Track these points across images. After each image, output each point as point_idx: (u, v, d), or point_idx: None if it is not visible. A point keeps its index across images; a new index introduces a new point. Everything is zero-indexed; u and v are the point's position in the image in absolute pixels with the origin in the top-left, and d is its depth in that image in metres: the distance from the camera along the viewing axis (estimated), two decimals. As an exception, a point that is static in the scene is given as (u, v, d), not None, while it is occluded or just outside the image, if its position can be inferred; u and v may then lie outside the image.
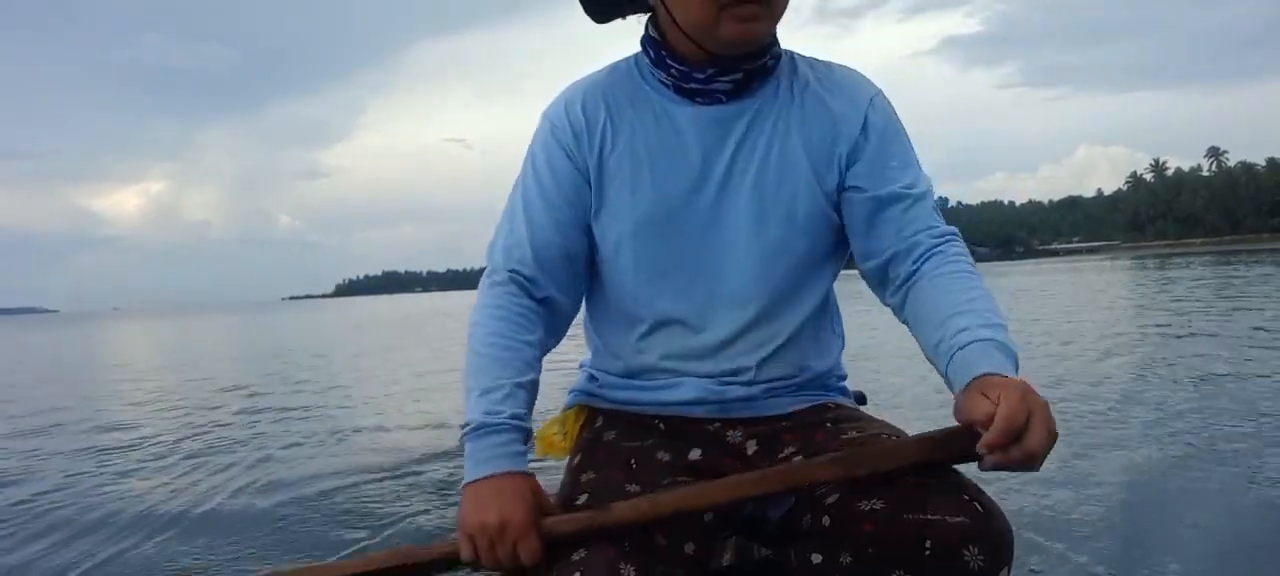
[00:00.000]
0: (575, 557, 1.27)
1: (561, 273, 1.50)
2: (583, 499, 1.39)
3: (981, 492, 1.24)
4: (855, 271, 1.60)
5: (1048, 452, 1.12)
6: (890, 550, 1.22)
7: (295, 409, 8.68)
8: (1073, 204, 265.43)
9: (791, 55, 1.54)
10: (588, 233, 1.52)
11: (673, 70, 1.46)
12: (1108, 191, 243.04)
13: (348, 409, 8.62)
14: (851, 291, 1.79)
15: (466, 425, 1.35)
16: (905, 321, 1.44)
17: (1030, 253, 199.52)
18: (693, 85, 1.46)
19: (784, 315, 1.50)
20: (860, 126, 1.47)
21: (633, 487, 1.40)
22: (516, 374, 1.39)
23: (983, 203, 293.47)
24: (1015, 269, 60.66)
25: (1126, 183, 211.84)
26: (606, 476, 1.44)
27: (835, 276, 1.59)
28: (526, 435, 1.37)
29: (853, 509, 1.27)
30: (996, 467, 1.14)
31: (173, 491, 5.15)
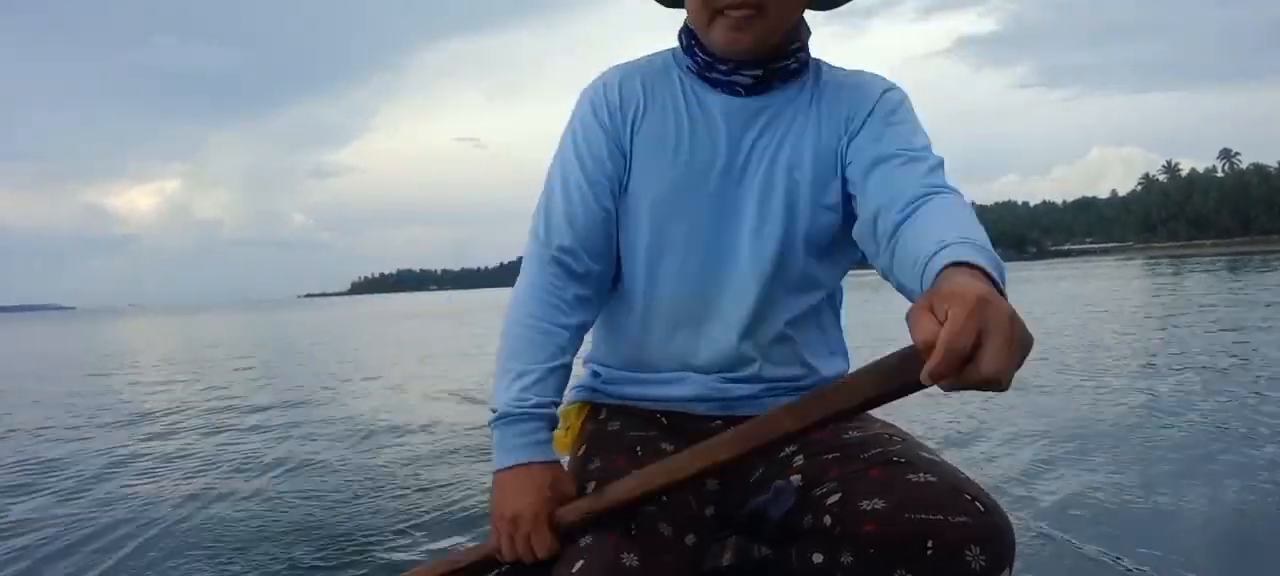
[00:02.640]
0: (582, 542, 1.29)
1: (601, 243, 1.50)
2: (591, 486, 1.41)
3: (984, 492, 1.24)
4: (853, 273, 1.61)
5: (1015, 369, 0.92)
6: (892, 550, 1.22)
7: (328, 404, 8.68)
8: (1086, 205, 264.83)
9: (819, 62, 1.56)
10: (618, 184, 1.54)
11: (699, 58, 1.50)
12: (1122, 192, 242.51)
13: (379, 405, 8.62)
14: (853, 282, 1.74)
15: (494, 411, 1.41)
16: (895, 280, 1.26)
17: (1042, 253, 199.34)
18: (716, 75, 1.50)
19: (785, 311, 1.50)
20: (865, 116, 1.46)
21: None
22: (549, 358, 1.44)
23: (996, 203, 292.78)
24: (1028, 268, 60.29)
25: (1139, 184, 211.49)
26: (612, 464, 1.44)
27: (839, 281, 1.60)
28: (553, 421, 1.43)
29: (854, 508, 1.27)
30: (956, 389, 0.94)
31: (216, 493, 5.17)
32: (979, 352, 0.90)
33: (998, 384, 0.90)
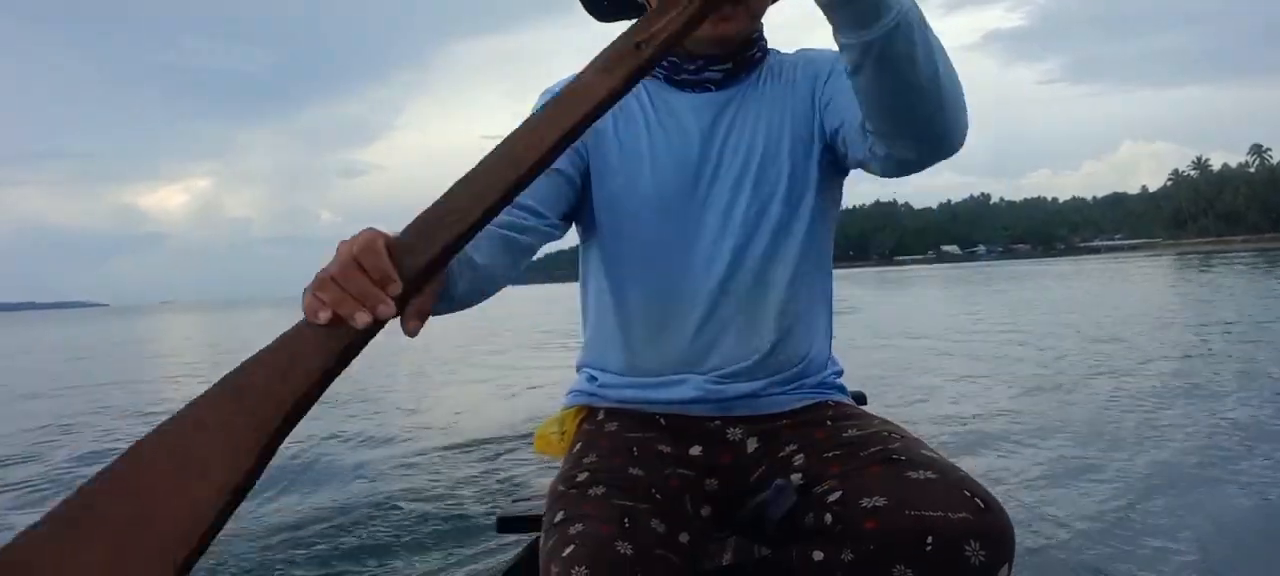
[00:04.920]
0: (573, 531, 1.27)
1: (527, 205, 1.39)
2: (583, 476, 1.39)
3: (984, 489, 1.24)
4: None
5: None
6: (892, 547, 1.21)
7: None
8: (1116, 201, 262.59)
9: (774, 49, 1.58)
10: (576, 220, 1.55)
11: (665, 62, 1.49)
12: (1153, 188, 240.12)
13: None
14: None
15: None
16: (866, 118, 1.25)
17: (1071, 249, 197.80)
18: (685, 76, 1.50)
19: (776, 303, 1.50)
20: (828, 72, 1.48)
21: (635, 471, 1.40)
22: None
23: (1025, 200, 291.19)
24: (1051, 267, 59.67)
25: (1169, 179, 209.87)
26: (609, 461, 1.43)
27: (827, 266, 1.59)
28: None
29: (855, 506, 1.26)
30: None
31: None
32: None
33: None
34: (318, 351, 0.98)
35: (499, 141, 1.06)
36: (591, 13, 1.60)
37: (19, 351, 25.69)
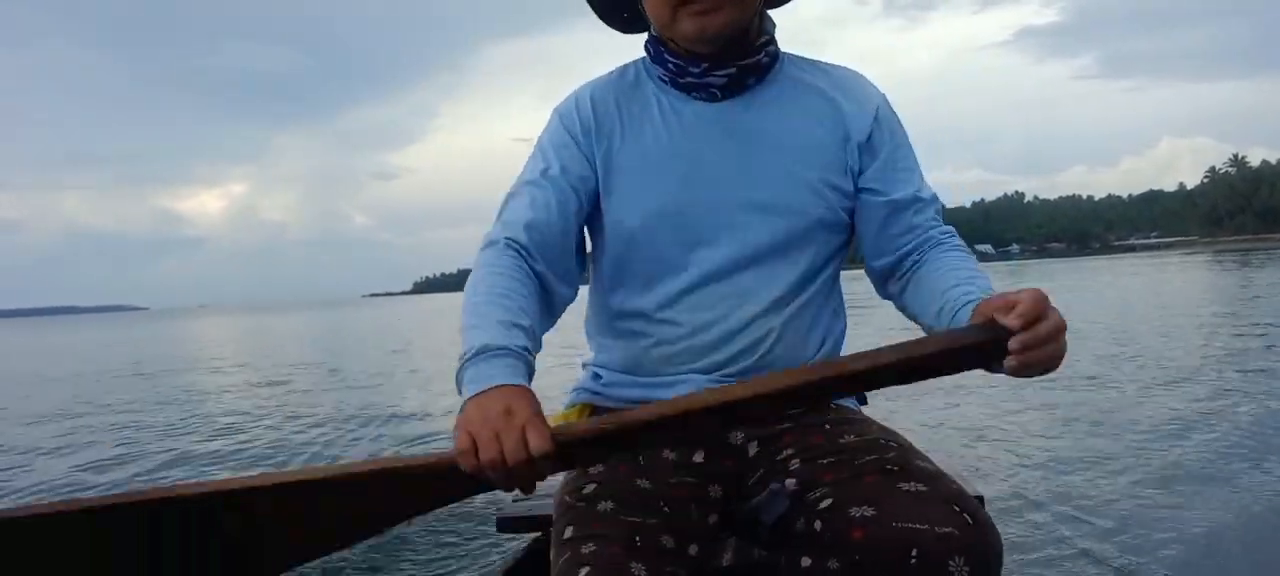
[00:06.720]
0: (585, 550, 1.28)
1: (556, 254, 1.46)
2: (591, 488, 1.39)
3: (974, 503, 1.24)
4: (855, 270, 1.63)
5: (1062, 352, 1.16)
6: (877, 557, 1.22)
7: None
8: (1152, 198, 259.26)
9: (788, 56, 1.56)
10: (586, 223, 1.54)
11: (670, 65, 1.49)
12: (1191, 185, 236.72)
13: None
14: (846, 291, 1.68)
15: (465, 353, 1.24)
16: (904, 306, 1.52)
17: (1106, 248, 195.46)
18: (689, 79, 1.48)
19: (783, 312, 1.49)
20: (869, 130, 1.50)
21: (643, 483, 1.40)
22: (518, 315, 1.31)
23: (1061, 197, 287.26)
24: (1084, 265, 58.70)
25: (1206, 177, 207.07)
26: (615, 472, 1.43)
27: (837, 273, 1.58)
28: (530, 368, 1.26)
29: (844, 515, 1.27)
30: (1021, 368, 1.15)
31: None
32: (1045, 322, 1.14)
33: (1056, 357, 1.16)
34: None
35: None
36: (610, 24, 1.64)
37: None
